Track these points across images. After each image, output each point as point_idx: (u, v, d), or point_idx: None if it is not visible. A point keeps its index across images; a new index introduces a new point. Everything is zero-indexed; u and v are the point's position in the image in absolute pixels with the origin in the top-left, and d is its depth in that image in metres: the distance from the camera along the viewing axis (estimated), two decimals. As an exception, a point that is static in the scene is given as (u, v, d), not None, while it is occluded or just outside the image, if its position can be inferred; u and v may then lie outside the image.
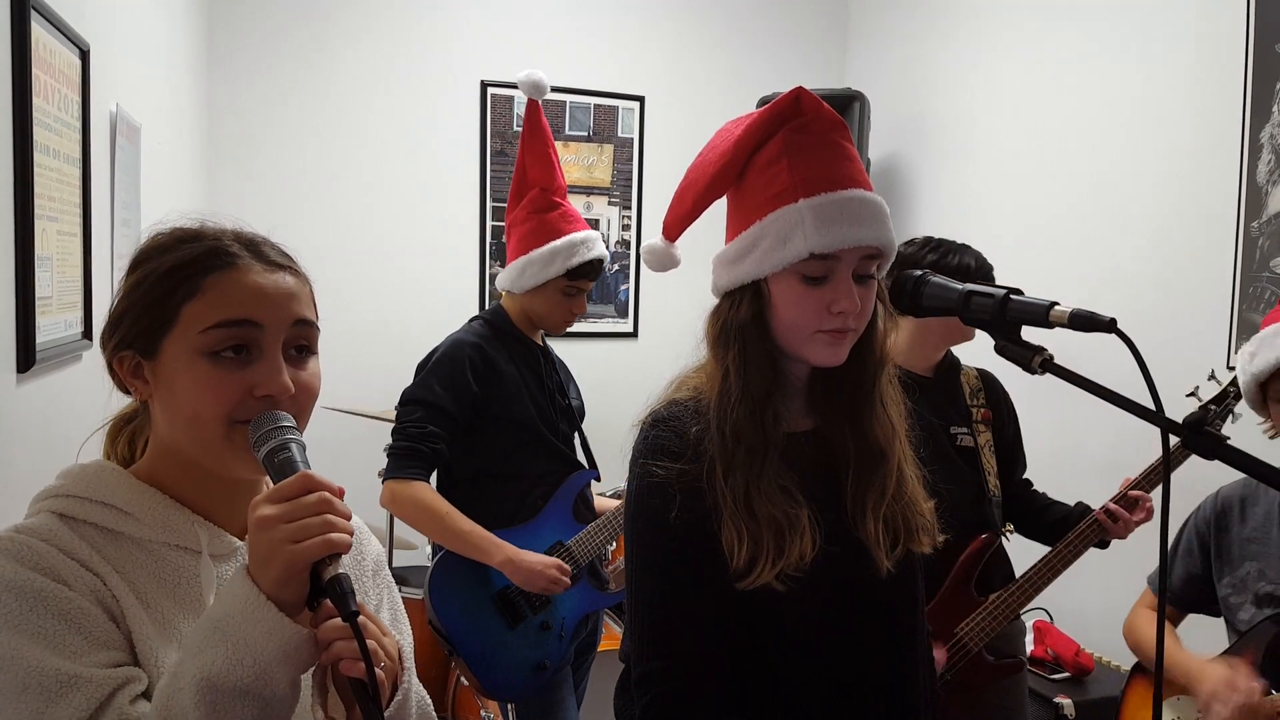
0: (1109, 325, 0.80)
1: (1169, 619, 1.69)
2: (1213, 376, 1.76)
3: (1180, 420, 0.77)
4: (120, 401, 0.88)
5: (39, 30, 1.38)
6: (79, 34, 1.60)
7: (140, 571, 0.78)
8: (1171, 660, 1.58)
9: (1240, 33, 2.30)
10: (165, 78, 2.50)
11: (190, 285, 0.79)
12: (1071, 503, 1.85)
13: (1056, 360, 0.85)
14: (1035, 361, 0.85)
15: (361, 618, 0.69)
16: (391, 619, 0.95)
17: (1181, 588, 1.67)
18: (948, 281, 0.94)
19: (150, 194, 2.20)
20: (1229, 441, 0.74)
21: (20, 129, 1.31)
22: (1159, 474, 1.73)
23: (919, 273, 0.98)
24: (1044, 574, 1.70)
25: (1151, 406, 0.80)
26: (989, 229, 3.18)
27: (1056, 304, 0.84)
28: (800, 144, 1.01)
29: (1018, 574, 1.76)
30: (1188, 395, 1.74)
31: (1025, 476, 1.92)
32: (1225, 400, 1.72)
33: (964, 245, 1.76)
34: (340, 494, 0.74)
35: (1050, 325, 0.84)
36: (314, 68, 3.24)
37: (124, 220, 1.95)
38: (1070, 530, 1.73)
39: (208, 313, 0.78)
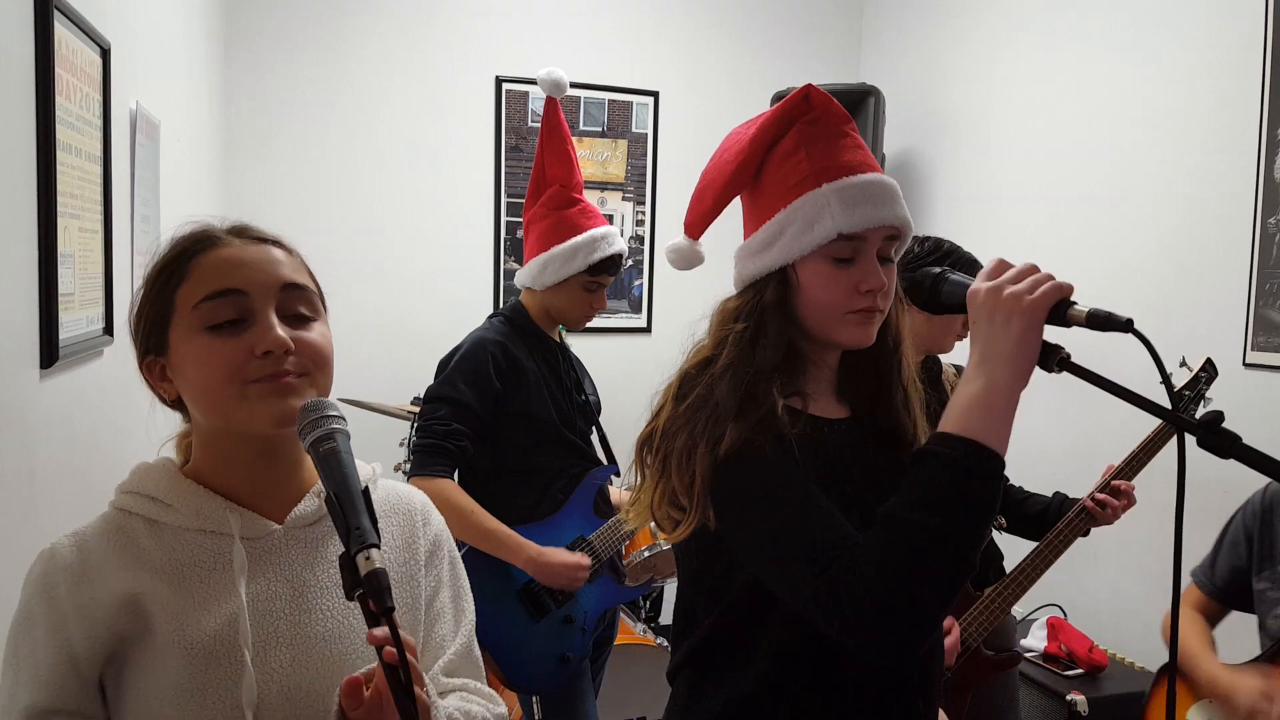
0: (1126, 325, 0.80)
1: (1210, 617, 1.66)
2: (1184, 363, 1.80)
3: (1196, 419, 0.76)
4: (119, 410, 0.92)
5: (62, 30, 1.40)
6: (100, 33, 1.62)
7: (168, 556, 0.83)
8: (1201, 669, 1.54)
9: (1259, 28, 2.28)
10: (184, 74, 2.53)
11: (180, 272, 0.85)
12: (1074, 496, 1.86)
13: (1072, 356, 0.85)
14: (1053, 360, 0.86)
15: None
16: (453, 598, 0.98)
17: (1226, 581, 1.65)
18: (966, 279, 0.95)
19: (169, 190, 2.23)
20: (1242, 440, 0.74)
21: (44, 128, 1.32)
22: (1140, 460, 1.75)
23: (938, 270, 0.99)
24: (1037, 565, 1.72)
25: (1167, 405, 0.81)
26: (1004, 224, 3.17)
27: (1074, 303, 0.84)
28: (815, 136, 1.04)
29: (1008, 566, 1.78)
30: (1160, 382, 1.76)
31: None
32: (1197, 385, 1.74)
33: (970, 258, 1.76)
34: None
35: (1067, 324, 0.84)
36: (330, 64, 3.27)
37: (143, 216, 1.97)
38: (1059, 520, 1.76)
39: (196, 290, 0.84)
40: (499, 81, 3.46)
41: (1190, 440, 0.88)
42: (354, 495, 0.76)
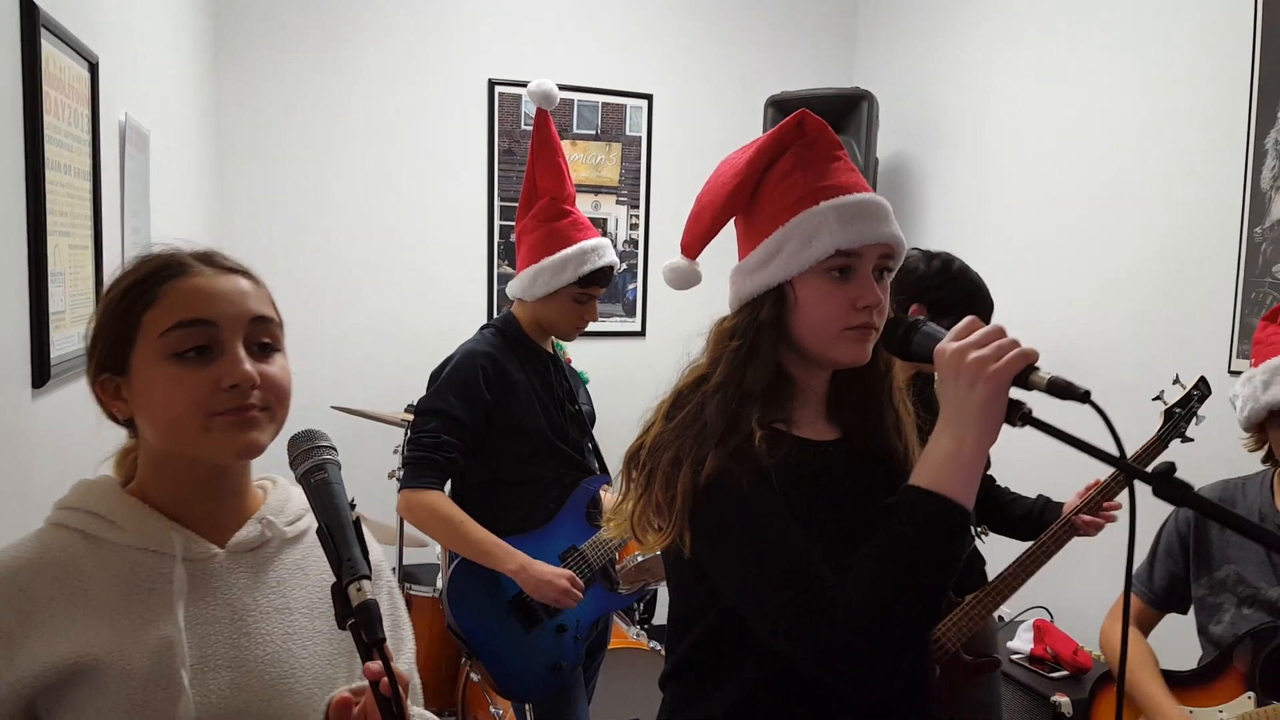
0: (1084, 397, 0.83)
1: (1146, 622, 1.72)
2: (1177, 380, 1.81)
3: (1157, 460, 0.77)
4: (108, 427, 0.92)
5: (49, 48, 1.40)
6: (88, 47, 1.62)
7: (104, 575, 0.84)
8: (1143, 693, 1.59)
9: (1247, 38, 2.29)
10: (173, 82, 2.53)
11: (148, 296, 0.85)
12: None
13: (1056, 374, 0.88)
14: (1015, 416, 0.88)
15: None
16: (392, 626, 0.98)
17: (1164, 589, 1.70)
18: (938, 332, 0.97)
19: (160, 198, 2.23)
20: (1196, 490, 0.76)
21: (32, 148, 1.33)
22: (1124, 481, 1.77)
23: (912, 319, 1.01)
24: (1019, 575, 1.74)
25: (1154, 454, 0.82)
26: (995, 229, 3.19)
27: (1037, 369, 0.87)
28: (810, 159, 1.07)
29: (991, 571, 1.80)
30: (1154, 399, 1.80)
31: (989, 473, 1.99)
32: (1189, 403, 1.77)
33: (978, 282, 1.78)
34: None
35: (1029, 389, 0.87)
36: (322, 69, 3.26)
37: (134, 228, 1.98)
38: (1041, 528, 1.79)
39: (165, 317, 0.84)
40: (491, 84, 3.46)
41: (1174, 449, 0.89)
42: (345, 527, 0.79)
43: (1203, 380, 1.81)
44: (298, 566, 0.93)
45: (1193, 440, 1.78)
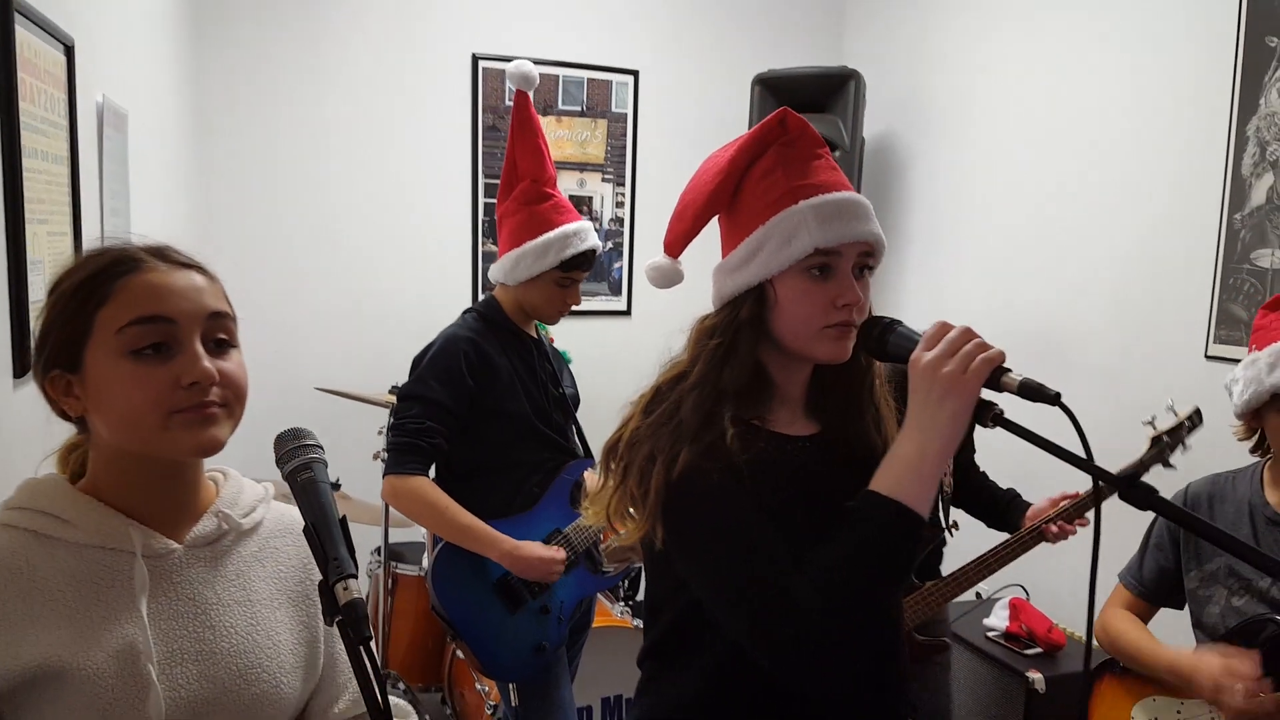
0: (1054, 399, 0.86)
1: (1140, 614, 1.72)
2: (1170, 408, 1.79)
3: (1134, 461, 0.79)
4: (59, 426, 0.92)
5: (23, 33, 1.38)
6: (63, 30, 1.59)
7: (61, 575, 0.83)
8: (1161, 658, 1.57)
9: (1232, 24, 2.29)
10: (152, 60, 2.49)
11: (101, 292, 0.83)
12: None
13: (1027, 376, 0.90)
14: (987, 416, 0.91)
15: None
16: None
17: (1154, 582, 1.70)
18: (913, 335, 0.99)
19: (140, 180, 2.21)
20: (1159, 493, 0.78)
21: (8, 137, 1.31)
22: (1086, 505, 1.81)
23: (888, 319, 1.02)
24: (980, 571, 1.79)
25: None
26: (980, 210, 3.20)
27: (1007, 369, 0.89)
28: (791, 157, 1.08)
29: (947, 562, 1.88)
30: (1144, 424, 1.79)
31: (974, 458, 2.07)
32: (1179, 432, 1.74)
33: None
34: None
35: (1000, 390, 0.89)
36: (303, 46, 3.21)
37: (113, 210, 1.96)
38: (1006, 520, 1.87)
39: (121, 314, 0.82)
40: (475, 59, 3.42)
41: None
42: (332, 526, 0.80)
43: (1197, 412, 1.77)
44: (255, 558, 0.95)
45: (1175, 469, 1.75)
